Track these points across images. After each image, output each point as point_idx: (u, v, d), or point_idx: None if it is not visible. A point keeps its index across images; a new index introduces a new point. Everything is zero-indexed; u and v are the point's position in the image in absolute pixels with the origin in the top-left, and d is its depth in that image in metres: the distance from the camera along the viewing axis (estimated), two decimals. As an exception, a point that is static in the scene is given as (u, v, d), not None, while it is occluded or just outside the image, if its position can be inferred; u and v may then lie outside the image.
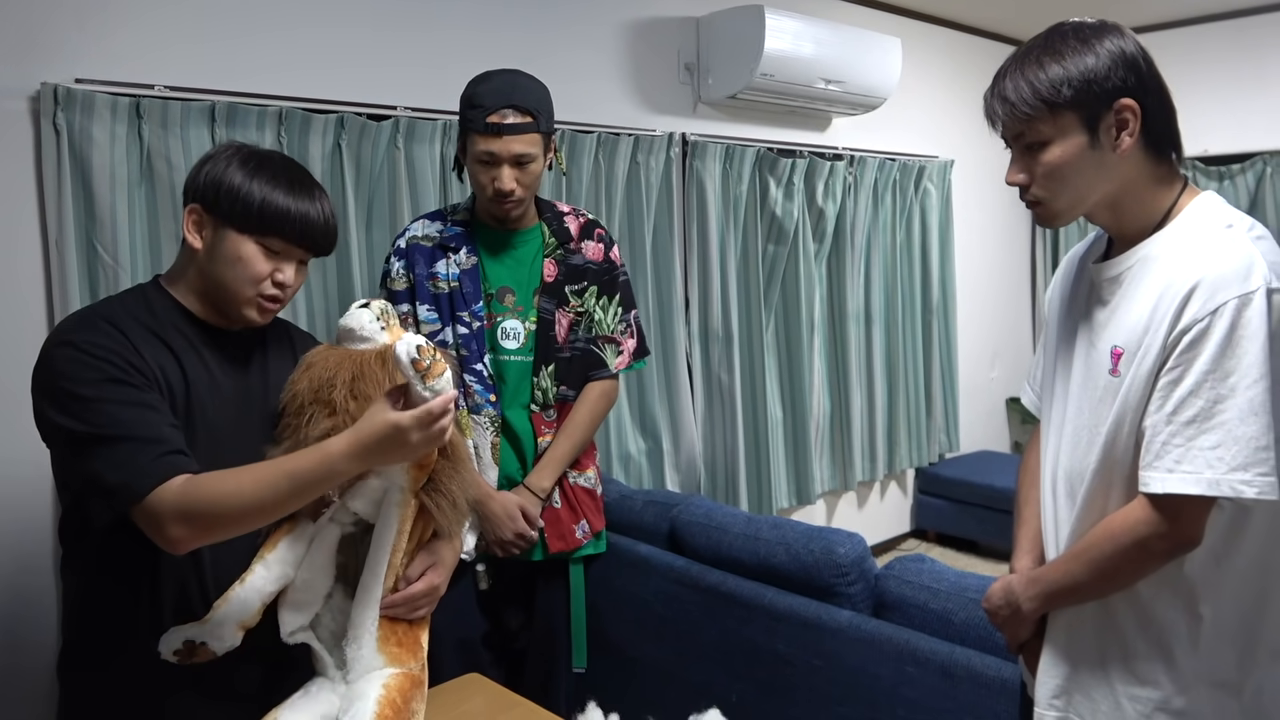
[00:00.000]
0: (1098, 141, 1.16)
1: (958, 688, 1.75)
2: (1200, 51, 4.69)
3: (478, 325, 1.94)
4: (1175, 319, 1.11)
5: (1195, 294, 1.10)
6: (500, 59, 2.17)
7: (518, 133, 1.83)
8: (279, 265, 1.34)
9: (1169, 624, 1.18)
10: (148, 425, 1.21)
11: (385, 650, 1.31)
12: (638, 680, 2.31)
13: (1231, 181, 4.58)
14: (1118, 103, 1.15)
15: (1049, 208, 1.22)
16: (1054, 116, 1.16)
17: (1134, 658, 1.20)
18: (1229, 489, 1.09)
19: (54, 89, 2.10)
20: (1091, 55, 1.15)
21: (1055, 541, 1.30)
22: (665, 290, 3.41)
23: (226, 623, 1.27)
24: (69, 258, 2.14)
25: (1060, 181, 1.19)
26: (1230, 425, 1.08)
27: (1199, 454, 1.09)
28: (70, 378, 1.21)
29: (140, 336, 1.28)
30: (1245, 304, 1.08)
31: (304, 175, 1.38)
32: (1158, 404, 1.13)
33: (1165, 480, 1.11)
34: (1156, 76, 1.18)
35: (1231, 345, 1.08)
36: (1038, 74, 1.16)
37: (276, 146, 2.44)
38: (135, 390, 1.23)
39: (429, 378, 1.20)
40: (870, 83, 3.78)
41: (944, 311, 4.65)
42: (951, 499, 4.52)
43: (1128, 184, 1.19)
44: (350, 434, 1.22)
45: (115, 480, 1.18)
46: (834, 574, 2.01)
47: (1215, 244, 1.13)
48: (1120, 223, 1.23)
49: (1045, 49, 1.18)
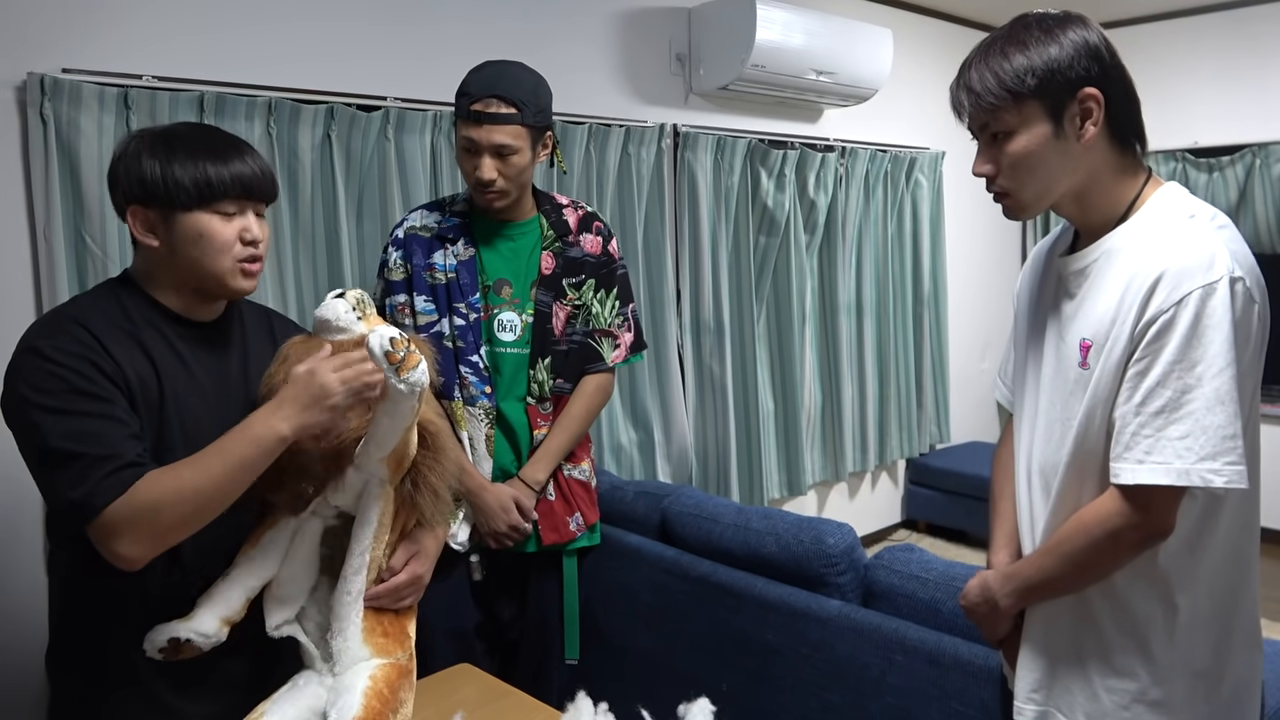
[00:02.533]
0: (1062, 131, 1.17)
1: (945, 675, 1.76)
2: (1190, 43, 4.70)
3: (474, 317, 1.94)
4: (1141, 310, 1.12)
5: (1160, 285, 1.11)
6: (490, 50, 2.17)
7: (499, 123, 1.82)
8: (241, 224, 1.32)
9: (1145, 615, 1.19)
10: (105, 440, 1.20)
11: (371, 641, 1.31)
12: (628, 670, 2.32)
13: (1221, 173, 4.60)
14: (1081, 92, 1.16)
15: (1016, 199, 1.23)
16: (1018, 106, 1.17)
17: (1111, 650, 1.21)
18: (1198, 479, 1.09)
19: (41, 79, 2.09)
20: (1055, 45, 1.16)
21: (1031, 535, 1.31)
22: (657, 281, 3.41)
23: (211, 619, 1.27)
24: (57, 249, 2.13)
25: (1026, 172, 1.20)
26: (1198, 415, 1.09)
27: (1168, 444, 1.10)
28: (33, 387, 1.21)
29: (112, 338, 1.27)
30: (1209, 294, 1.09)
31: (220, 137, 1.35)
32: (1126, 395, 1.14)
33: (1135, 471, 1.12)
34: (1120, 67, 1.19)
35: (1197, 335, 1.09)
36: (1002, 64, 1.17)
37: (266, 137, 2.44)
38: (97, 401, 1.21)
39: (404, 369, 1.19)
40: (861, 74, 3.78)
41: (935, 303, 4.66)
42: (942, 489, 4.54)
43: (1092, 174, 1.20)
44: (271, 400, 1.23)
45: (70, 497, 1.18)
46: (823, 564, 2.02)
47: (1179, 235, 1.14)
48: (1085, 214, 1.24)
49: (1009, 39, 1.19)
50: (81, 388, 1.21)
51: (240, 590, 1.30)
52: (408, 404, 1.24)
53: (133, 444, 1.22)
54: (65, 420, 1.19)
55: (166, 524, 1.20)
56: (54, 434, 1.19)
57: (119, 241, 2.21)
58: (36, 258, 2.17)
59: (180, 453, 1.30)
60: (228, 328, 1.43)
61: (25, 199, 2.15)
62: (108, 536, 1.19)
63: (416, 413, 1.28)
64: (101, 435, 1.20)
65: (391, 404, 1.24)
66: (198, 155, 1.29)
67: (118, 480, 1.18)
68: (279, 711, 1.27)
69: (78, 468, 1.18)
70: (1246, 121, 4.55)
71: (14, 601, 2.14)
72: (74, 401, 1.20)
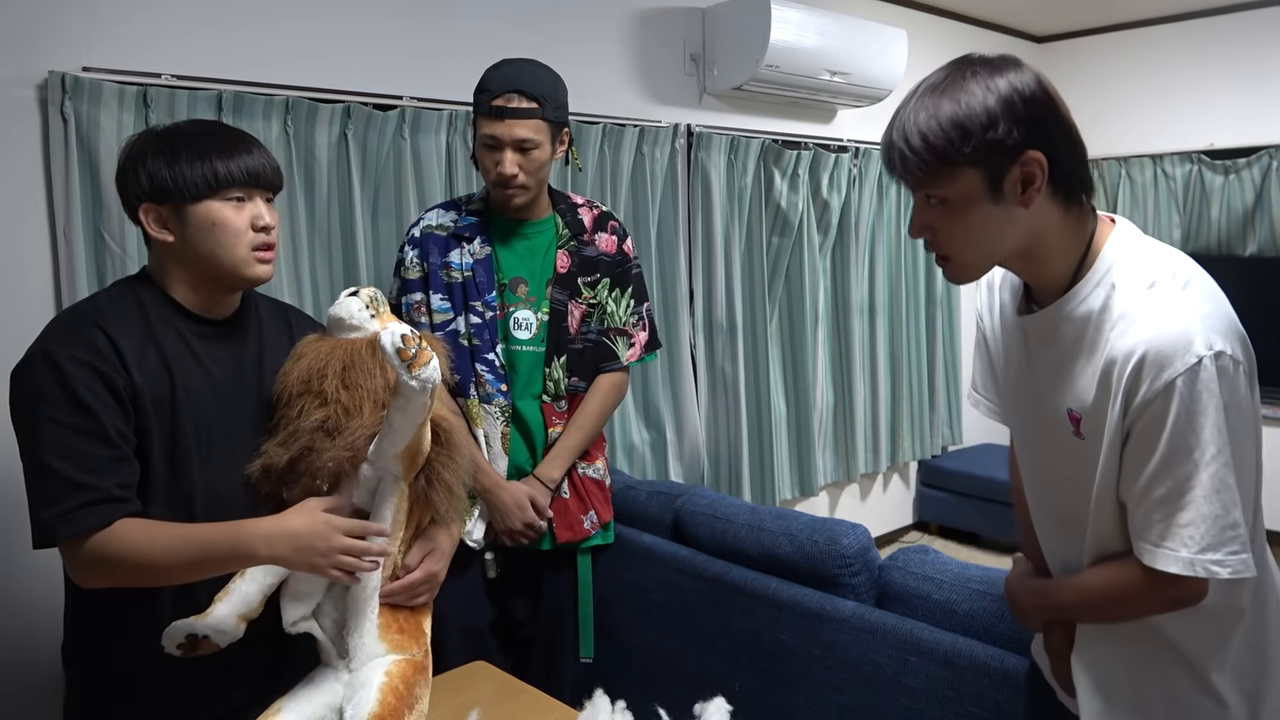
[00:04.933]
0: (1002, 196, 1.09)
1: (961, 678, 1.76)
2: (1207, 44, 4.67)
3: (490, 315, 1.95)
4: (1129, 397, 1.08)
5: (1144, 371, 1.06)
6: (506, 49, 2.17)
7: (520, 117, 1.84)
8: (252, 210, 1.34)
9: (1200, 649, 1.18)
10: (90, 463, 1.22)
11: (387, 638, 1.32)
12: (640, 669, 2.32)
13: (1237, 175, 4.57)
14: (1023, 156, 1.07)
15: (958, 263, 1.17)
16: (953, 173, 1.08)
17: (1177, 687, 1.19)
18: (1203, 569, 1.07)
19: (61, 77, 2.11)
20: (991, 99, 1.06)
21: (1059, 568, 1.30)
22: (670, 281, 3.42)
23: (228, 615, 1.28)
24: (76, 247, 2.15)
25: (965, 240, 1.13)
26: (1198, 504, 1.07)
27: (1178, 530, 1.08)
28: (38, 393, 1.23)
29: (127, 340, 1.28)
30: (1193, 378, 1.04)
31: (224, 131, 1.37)
32: (1130, 479, 1.12)
33: (1154, 555, 1.10)
34: (1063, 118, 1.10)
35: (1188, 421, 1.06)
36: (932, 125, 1.06)
37: (283, 136, 2.45)
38: (93, 418, 1.23)
39: (415, 366, 1.19)
40: (876, 75, 3.77)
41: (948, 304, 4.65)
42: (954, 491, 4.53)
43: (1038, 233, 1.12)
44: (275, 519, 1.25)
45: (41, 516, 1.22)
46: (838, 565, 2.02)
47: (1147, 310, 1.08)
48: (1037, 273, 1.18)
49: (943, 91, 1.08)
50: (82, 400, 1.22)
51: (257, 587, 1.30)
52: (419, 401, 1.24)
53: (118, 469, 1.24)
54: (58, 433, 1.21)
55: (126, 575, 1.25)
56: (44, 445, 1.21)
57: (137, 239, 2.22)
58: (56, 255, 2.18)
59: (192, 450, 1.30)
60: (244, 324, 1.43)
61: (45, 197, 2.17)
62: (66, 560, 1.26)
63: (429, 410, 1.28)
64: (87, 456, 1.22)
65: (404, 400, 1.24)
66: (204, 150, 1.31)
67: (89, 515, 1.21)
68: (296, 707, 1.27)
69: (54, 488, 1.21)
70: (1263, 123, 4.52)
71: (30, 597, 2.16)
72: (71, 414, 1.22)
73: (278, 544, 1.23)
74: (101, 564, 1.23)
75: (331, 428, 1.31)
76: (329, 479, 1.31)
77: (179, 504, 1.32)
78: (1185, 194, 4.74)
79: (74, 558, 1.24)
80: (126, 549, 1.22)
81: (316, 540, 1.24)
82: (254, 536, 1.24)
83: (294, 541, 1.24)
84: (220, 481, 1.34)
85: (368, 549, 1.27)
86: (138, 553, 1.22)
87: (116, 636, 1.34)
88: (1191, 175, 4.70)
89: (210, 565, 1.26)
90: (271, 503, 1.33)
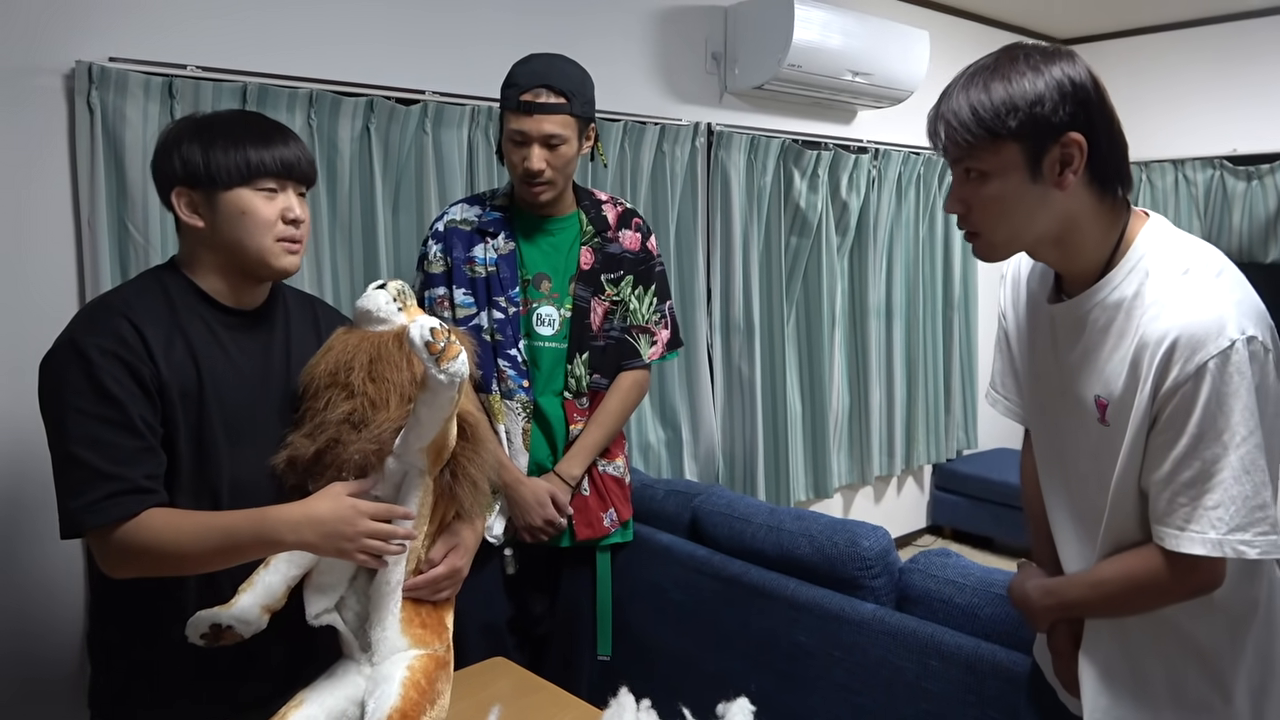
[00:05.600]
0: (1040, 175, 1.11)
1: (983, 683, 1.74)
2: (1230, 50, 4.63)
3: (513, 311, 1.94)
4: (1159, 380, 1.09)
5: (1175, 354, 1.07)
6: (528, 44, 2.17)
7: (549, 112, 1.83)
8: (283, 202, 1.34)
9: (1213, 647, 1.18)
10: (117, 453, 1.22)
11: (409, 632, 1.31)
12: (657, 668, 2.31)
13: (1260, 181, 4.53)
14: (1065, 137, 1.10)
15: (986, 240, 1.18)
16: (996, 147, 1.11)
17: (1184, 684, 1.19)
18: (1231, 550, 1.08)
19: (89, 67, 2.11)
20: (1040, 82, 1.09)
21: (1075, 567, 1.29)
22: (688, 280, 3.41)
23: (252, 606, 1.27)
24: (101, 237, 2.15)
25: (998, 214, 1.15)
26: (1227, 485, 1.08)
27: (1204, 513, 1.09)
28: (65, 383, 1.23)
29: (154, 330, 1.28)
30: (1225, 361, 1.06)
31: (261, 121, 1.37)
32: (1156, 464, 1.12)
33: (1178, 539, 1.11)
34: (1107, 108, 1.13)
35: (1219, 404, 1.07)
36: (982, 98, 1.11)
37: (306, 129, 2.45)
38: (120, 408, 1.23)
39: (444, 360, 1.19)
40: (897, 76, 3.75)
41: (965, 308, 4.63)
42: (968, 495, 4.51)
43: (1071, 219, 1.14)
44: (301, 504, 1.25)
45: (69, 506, 1.22)
46: (857, 567, 2.01)
47: (1181, 294, 1.10)
48: (1068, 261, 1.19)
49: (994, 71, 1.12)
50: (109, 390, 1.22)
51: (281, 578, 1.30)
52: (447, 395, 1.24)
53: (145, 460, 1.24)
54: (85, 423, 1.21)
55: (152, 564, 1.25)
56: (71, 436, 1.21)
57: (162, 230, 2.22)
58: (80, 245, 2.19)
59: (219, 441, 1.30)
60: (271, 315, 1.43)
61: (71, 187, 2.18)
62: (94, 550, 1.25)
63: (455, 404, 1.28)
64: (114, 447, 1.22)
65: (431, 394, 1.24)
66: (239, 139, 1.31)
67: (115, 505, 1.21)
68: (318, 700, 1.27)
69: (81, 478, 1.21)
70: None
71: (54, 588, 2.16)
72: (98, 404, 1.22)
73: (304, 530, 1.23)
74: (128, 553, 1.23)
75: (358, 420, 1.31)
76: (355, 472, 1.31)
77: (205, 495, 1.32)
78: (1207, 200, 4.71)
79: (102, 548, 1.24)
80: (153, 538, 1.22)
81: (342, 525, 1.23)
82: (280, 522, 1.23)
83: (320, 527, 1.23)
84: (246, 473, 1.34)
85: (394, 532, 1.27)
86: (164, 542, 1.22)
87: (141, 626, 1.34)
88: (1213, 181, 4.66)
89: (236, 552, 1.25)
90: (297, 494, 1.33)
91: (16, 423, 2.02)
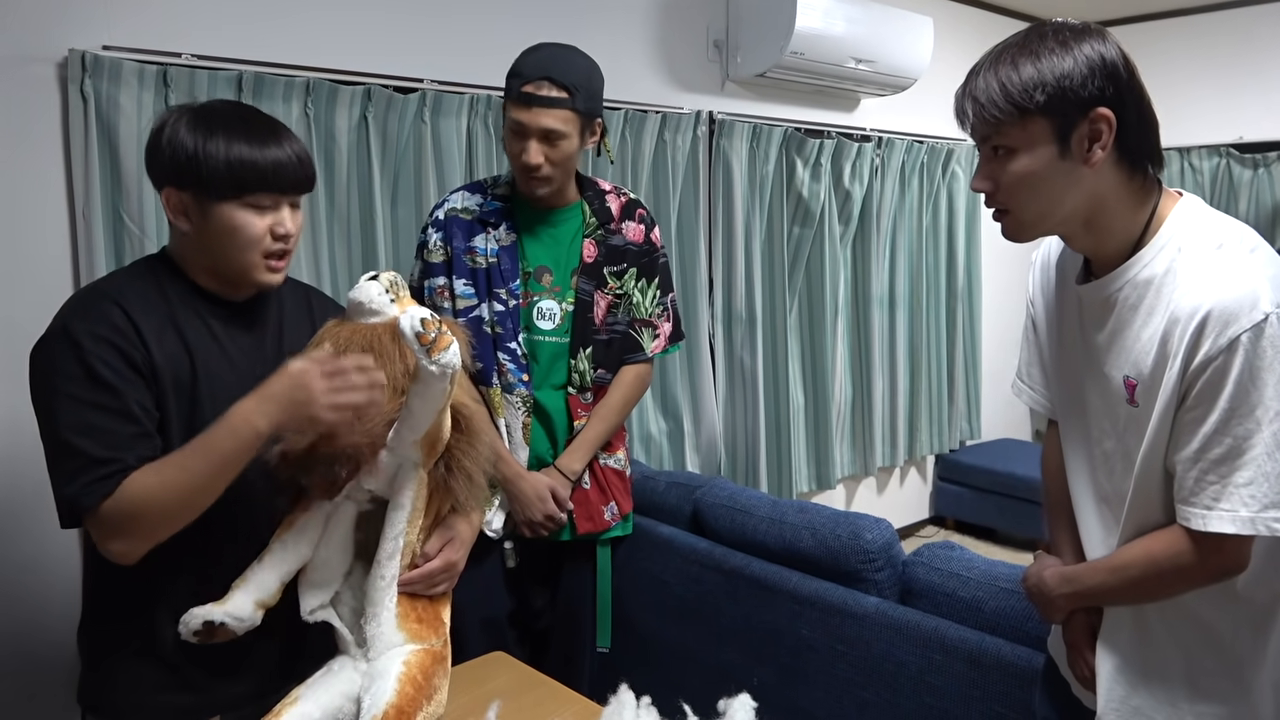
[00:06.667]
0: (1068, 152, 1.10)
1: (987, 676, 1.73)
2: (1236, 37, 4.59)
3: (514, 304, 1.92)
4: (1190, 354, 1.07)
5: (1206, 328, 1.06)
6: (528, 33, 2.14)
7: (548, 106, 1.79)
8: (274, 218, 1.29)
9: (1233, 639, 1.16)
10: (111, 439, 1.19)
11: (405, 627, 1.30)
12: (658, 661, 2.30)
13: (1267, 169, 4.49)
14: (1093, 112, 1.08)
15: (1015, 218, 1.17)
16: (1024, 122, 1.10)
17: (1199, 674, 1.18)
18: (1264, 527, 1.07)
19: (82, 55, 2.09)
20: (1069, 59, 1.08)
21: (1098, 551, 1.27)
22: (689, 270, 3.38)
23: (246, 602, 1.26)
24: (95, 227, 2.13)
25: (1027, 192, 1.13)
26: (1260, 461, 1.06)
27: (1234, 491, 1.07)
28: (56, 370, 1.21)
29: (146, 319, 1.26)
30: (1259, 335, 1.04)
31: (259, 120, 1.31)
32: (1184, 441, 1.10)
33: (1206, 518, 1.09)
34: (1137, 85, 1.12)
35: (1251, 378, 1.05)
36: (1010, 74, 1.10)
37: (303, 118, 2.42)
38: (113, 394, 1.20)
39: (434, 351, 1.17)
40: (901, 63, 3.72)
41: (969, 297, 4.60)
42: (971, 486, 4.49)
43: (1100, 198, 1.13)
44: (254, 392, 1.21)
45: (65, 493, 1.19)
46: (860, 559, 1.99)
47: (1214, 269, 1.09)
48: (1097, 243, 1.18)
49: (1022, 48, 1.11)
50: (102, 376, 1.20)
51: (275, 574, 1.29)
52: (439, 386, 1.22)
53: (140, 445, 1.22)
54: (78, 410, 1.19)
55: (152, 522, 1.20)
56: (64, 423, 1.19)
57: (156, 220, 2.20)
58: (75, 235, 2.16)
59: None
60: (264, 306, 1.41)
61: (65, 176, 2.15)
62: (97, 534, 1.21)
63: (448, 395, 1.25)
64: (109, 433, 1.20)
65: (423, 386, 1.22)
66: (234, 137, 1.26)
67: (109, 485, 1.18)
68: (313, 696, 1.25)
69: (76, 464, 1.18)
70: (1294, 117, 4.45)
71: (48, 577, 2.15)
72: (91, 390, 1.20)
73: (270, 411, 1.18)
74: (126, 521, 1.19)
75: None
76: (348, 465, 1.28)
77: None
78: (1213, 188, 4.67)
79: (100, 529, 1.20)
80: (141, 494, 1.19)
81: (297, 391, 1.19)
82: (245, 415, 1.18)
83: (279, 401, 1.19)
84: None
85: (343, 368, 1.20)
86: (151, 492, 1.19)
87: (133, 621, 1.32)
88: (1219, 169, 4.62)
89: (224, 466, 1.20)
90: (290, 489, 1.31)
91: (11, 416, 2.00)
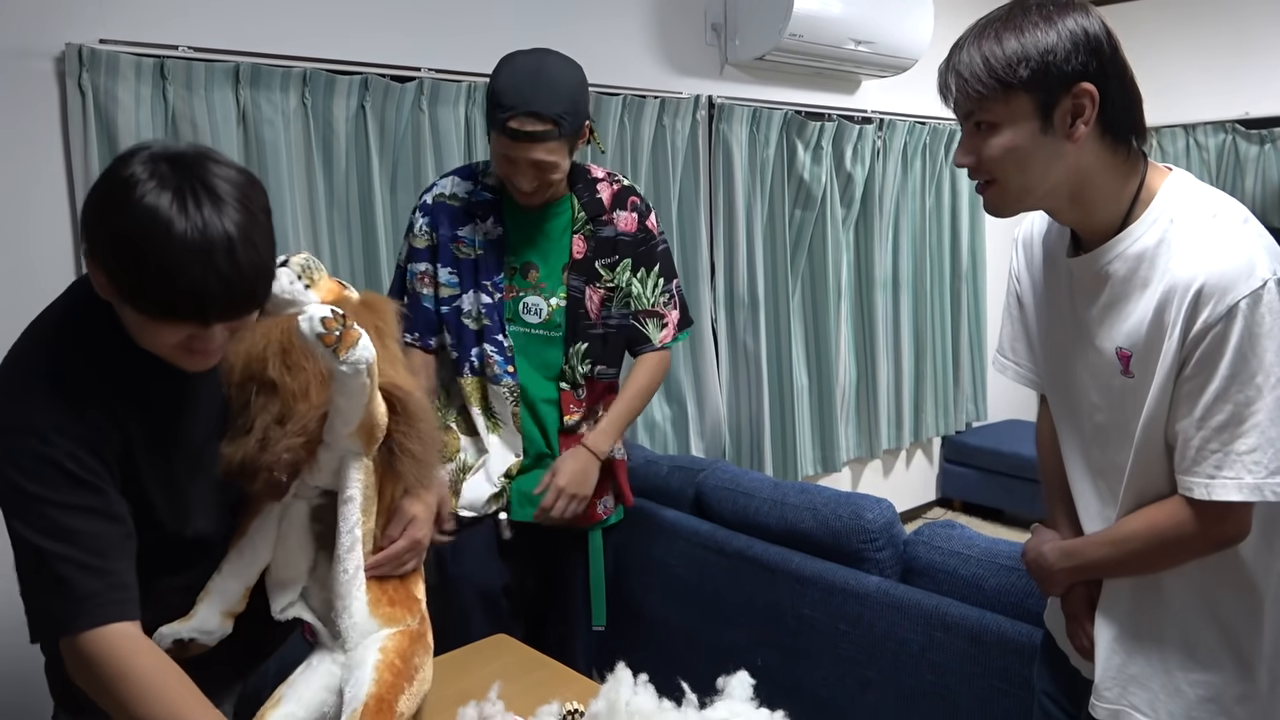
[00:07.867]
0: (1051, 127, 1.10)
1: (988, 653, 1.74)
2: (1242, 11, 4.54)
3: (499, 296, 1.92)
4: (1188, 324, 1.08)
5: (1203, 297, 1.06)
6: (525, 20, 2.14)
7: (537, 140, 1.74)
8: (192, 332, 1.08)
9: (1231, 609, 1.16)
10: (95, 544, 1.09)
11: (379, 612, 1.27)
12: (662, 643, 2.32)
13: (1273, 145, 4.45)
14: (1076, 87, 1.08)
15: (999, 188, 1.17)
16: (1006, 97, 1.10)
17: (1196, 645, 1.18)
18: (1271, 493, 1.07)
19: (79, 49, 2.10)
20: (1053, 33, 1.08)
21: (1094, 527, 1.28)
22: (691, 255, 3.38)
23: (212, 615, 1.25)
24: (96, 220, 2.14)
25: (1010, 166, 1.13)
26: (1263, 427, 1.06)
27: (1237, 458, 1.07)
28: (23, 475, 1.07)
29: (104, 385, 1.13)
30: (1256, 301, 1.05)
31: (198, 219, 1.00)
32: (1185, 410, 1.11)
33: (1209, 486, 1.09)
34: (1120, 59, 1.12)
35: (1250, 346, 1.05)
36: (994, 49, 1.10)
37: (300, 108, 2.43)
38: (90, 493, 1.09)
39: (342, 350, 1.11)
40: (901, 44, 3.70)
41: (973, 278, 4.58)
42: (978, 467, 4.48)
43: (1083, 172, 1.13)
44: None
45: (38, 605, 1.10)
46: (862, 539, 2.00)
47: (1209, 239, 1.09)
48: (1084, 217, 1.18)
49: (1006, 23, 1.11)
50: (73, 472, 1.09)
51: (236, 582, 1.27)
52: (356, 382, 1.17)
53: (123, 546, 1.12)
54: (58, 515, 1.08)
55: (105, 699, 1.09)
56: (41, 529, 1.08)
57: (157, 213, 2.21)
58: (76, 230, 2.18)
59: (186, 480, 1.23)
60: None
61: (65, 170, 2.17)
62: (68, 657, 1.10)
63: (369, 388, 1.20)
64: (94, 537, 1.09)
65: (341, 384, 1.17)
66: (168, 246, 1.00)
67: (98, 612, 1.08)
68: (295, 696, 1.23)
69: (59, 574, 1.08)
70: (1301, 91, 4.40)
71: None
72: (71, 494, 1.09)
73: None
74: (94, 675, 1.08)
75: (281, 415, 1.22)
76: (286, 469, 1.23)
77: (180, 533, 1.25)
78: (1219, 165, 4.64)
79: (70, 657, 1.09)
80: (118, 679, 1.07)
81: None
82: None
83: None
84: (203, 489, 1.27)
85: None
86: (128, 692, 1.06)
87: None
88: (1225, 145, 4.59)
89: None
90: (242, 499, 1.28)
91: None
